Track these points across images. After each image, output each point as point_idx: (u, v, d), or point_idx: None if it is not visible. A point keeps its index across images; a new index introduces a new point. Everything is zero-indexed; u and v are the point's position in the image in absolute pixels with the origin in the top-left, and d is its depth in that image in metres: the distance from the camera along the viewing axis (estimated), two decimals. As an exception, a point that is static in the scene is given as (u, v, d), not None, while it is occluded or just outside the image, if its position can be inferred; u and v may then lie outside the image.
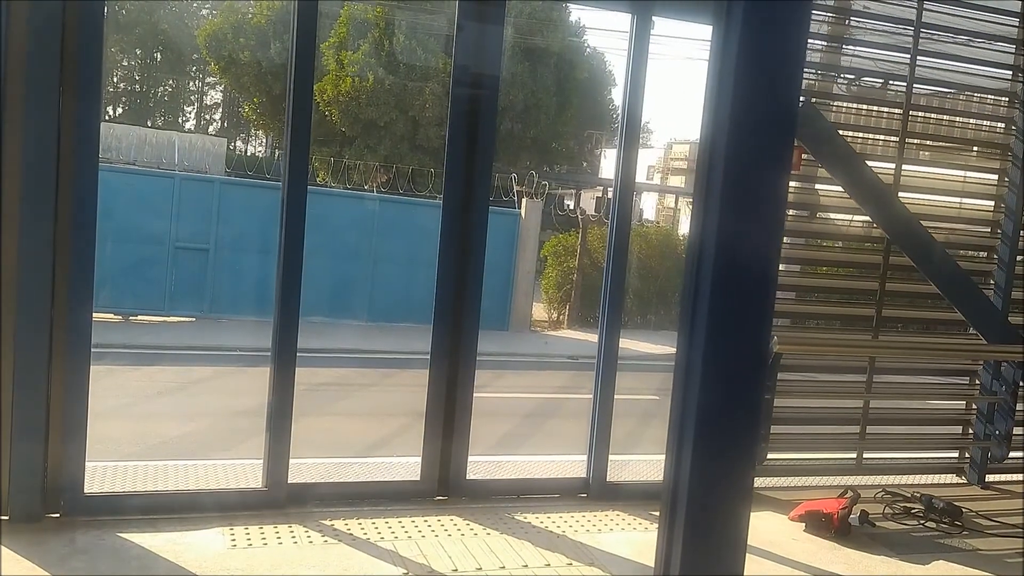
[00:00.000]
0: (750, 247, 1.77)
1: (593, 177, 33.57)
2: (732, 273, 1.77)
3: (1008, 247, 6.63)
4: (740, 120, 1.76)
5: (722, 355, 1.79)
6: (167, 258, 15.17)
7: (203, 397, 10.79)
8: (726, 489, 1.88)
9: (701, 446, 1.84)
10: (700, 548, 1.86)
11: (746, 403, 1.86)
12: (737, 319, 1.81)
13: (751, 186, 1.78)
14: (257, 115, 30.90)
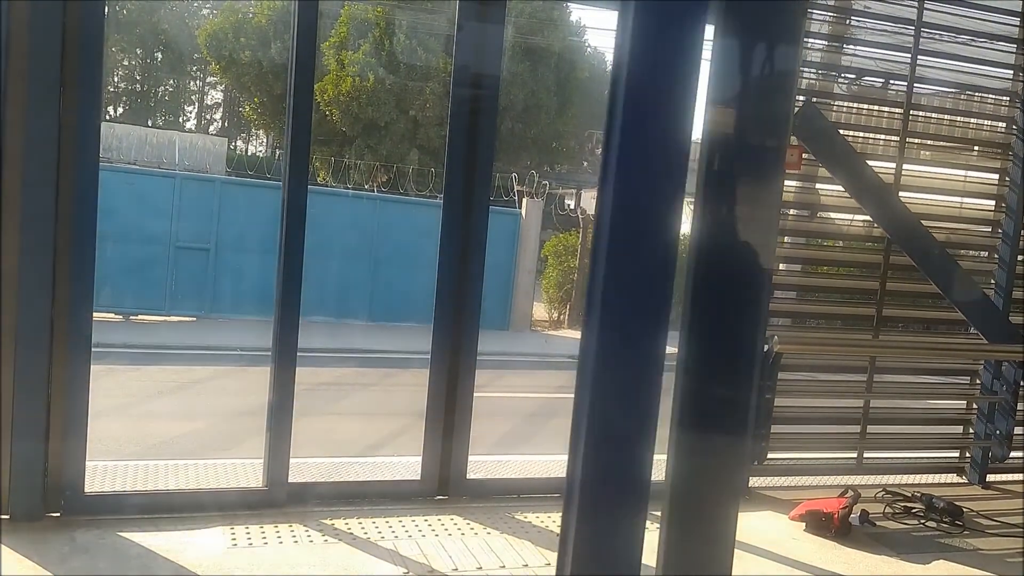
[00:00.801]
0: (745, 246, 1.77)
1: (594, 177, 33.55)
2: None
3: (1009, 247, 6.63)
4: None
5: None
6: (168, 258, 15.18)
7: (203, 397, 10.80)
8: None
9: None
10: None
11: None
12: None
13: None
14: (258, 115, 30.94)
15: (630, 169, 1.69)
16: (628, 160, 1.68)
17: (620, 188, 1.69)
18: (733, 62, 1.72)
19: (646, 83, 1.63)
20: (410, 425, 7.27)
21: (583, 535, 1.86)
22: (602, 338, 1.70)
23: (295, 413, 5.14)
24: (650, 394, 1.69)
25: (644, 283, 1.72)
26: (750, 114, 1.77)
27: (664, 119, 1.67)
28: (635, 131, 1.67)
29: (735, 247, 1.77)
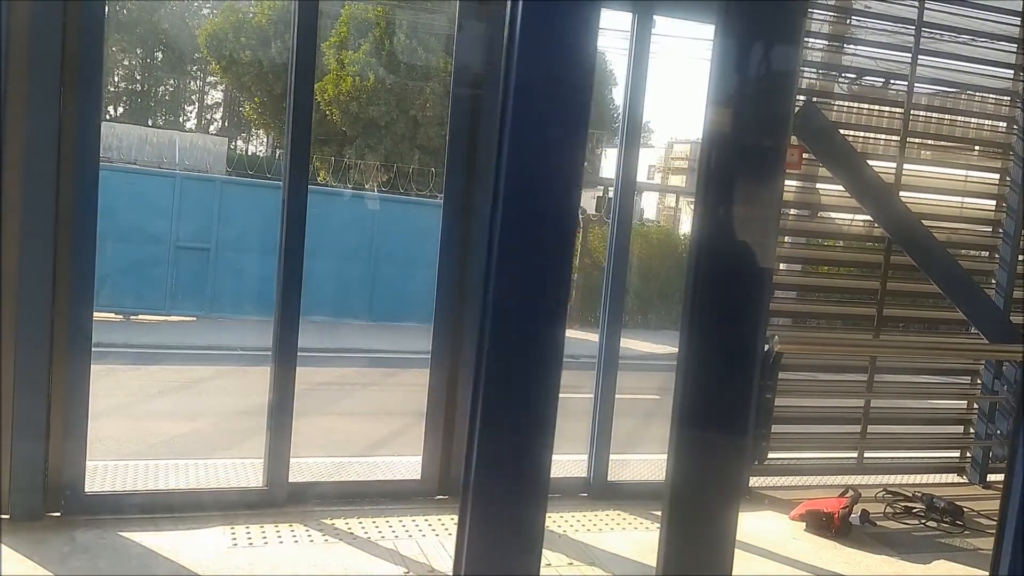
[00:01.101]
0: (745, 246, 1.76)
1: (594, 176, 33.54)
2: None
3: (1009, 246, 6.62)
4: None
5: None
6: (168, 257, 15.17)
7: (204, 396, 10.79)
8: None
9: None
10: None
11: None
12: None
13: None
14: (258, 114, 30.92)
15: (522, 168, 1.67)
16: (519, 153, 1.67)
17: (511, 191, 1.67)
18: (733, 62, 1.72)
19: (536, 79, 1.61)
20: (410, 425, 7.27)
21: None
22: (494, 334, 1.68)
23: (295, 413, 5.14)
24: (547, 393, 1.67)
25: (537, 279, 1.70)
26: (750, 114, 1.76)
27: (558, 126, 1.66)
28: (528, 134, 1.66)
29: (735, 247, 1.76)
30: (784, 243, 6.44)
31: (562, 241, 1.68)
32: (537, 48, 1.57)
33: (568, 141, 1.66)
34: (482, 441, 1.63)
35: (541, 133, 1.64)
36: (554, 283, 1.70)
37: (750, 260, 1.77)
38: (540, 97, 1.61)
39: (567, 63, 1.59)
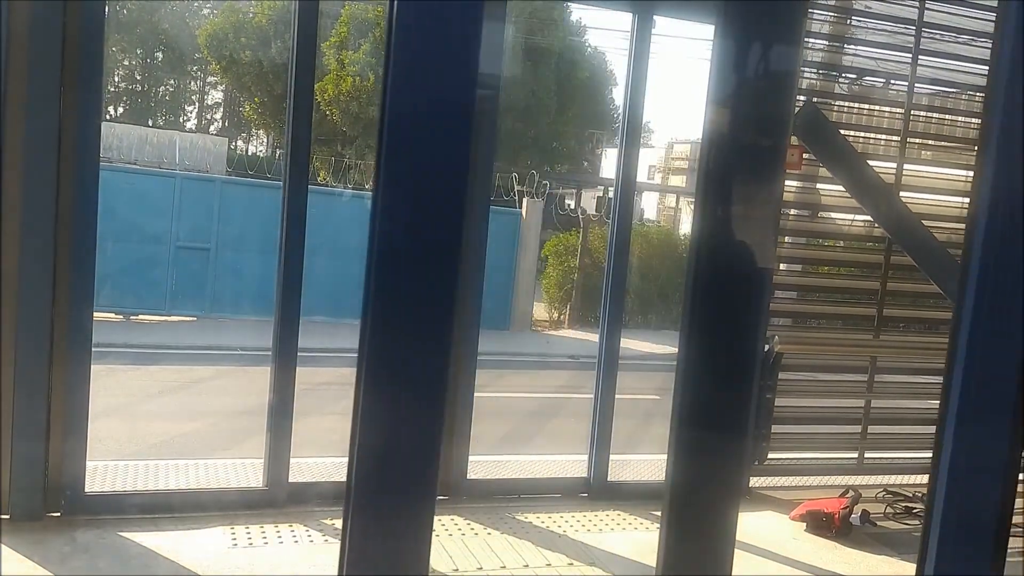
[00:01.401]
0: (745, 246, 1.76)
1: (594, 176, 33.58)
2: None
3: (1009, 247, 6.62)
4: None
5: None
6: (168, 258, 15.17)
7: (204, 396, 10.80)
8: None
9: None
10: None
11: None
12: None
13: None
14: (258, 115, 30.95)
15: (404, 177, 1.65)
16: (401, 172, 1.64)
17: (392, 197, 1.65)
18: (733, 62, 1.72)
19: (415, 79, 1.58)
20: (410, 425, 7.25)
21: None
22: (377, 326, 1.66)
23: (295, 413, 5.14)
24: (434, 388, 1.65)
25: (422, 291, 1.68)
26: (750, 114, 1.76)
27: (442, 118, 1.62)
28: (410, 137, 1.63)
29: (735, 247, 1.76)
30: (784, 243, 6.44)
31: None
32: (413, 47, 1.54)
33: (450, 141, 1.62)
34: (364, 437, 1.61)
35: (419, 136, 1.61)
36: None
37: (750, 260, 1.77)
38: (418, 92, 1.58)
39: (447, 61, 1.56)
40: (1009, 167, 1.62)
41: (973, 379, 1.69)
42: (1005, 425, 1.71)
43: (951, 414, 1.70)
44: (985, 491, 1.72)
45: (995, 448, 1.71)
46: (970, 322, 1.67)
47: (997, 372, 1.69)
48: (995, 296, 1.67)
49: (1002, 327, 1.68)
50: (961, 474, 1.71)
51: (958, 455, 1.70)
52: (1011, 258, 1.64)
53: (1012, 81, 1.58)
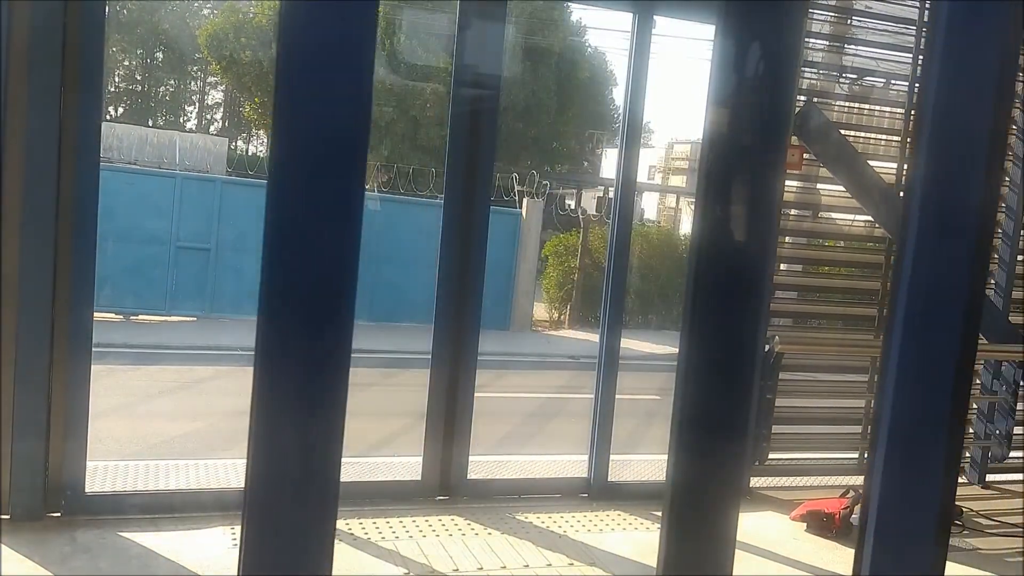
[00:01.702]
0: (745, 246, 1.76)
1: (594, 177, 33.59)
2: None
3: (1008, 247, 6.62)
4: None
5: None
6: (168, 258, 15.18)
7: (204, 396, 10.80)
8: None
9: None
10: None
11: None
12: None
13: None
14: (258, 115, 30.97)
15: (298, 168, 1.61)
16: (295, 157, 1.60)
17: (284, 187, 1.61)
18: (733, 62, 1.72)
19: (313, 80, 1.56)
20: (411, 425, 7.26)
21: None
22: (272, 329, 1.63)
23: (296, 413, 5.14)
24: (334, 392, 1.63)
25: (316, 285, 1.63)
26: (750, 114, 1.77)
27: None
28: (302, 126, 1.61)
29: (735, 247, 1.76)
30: (785, 243, 6.44)
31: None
32: (305, 42, 1.52)
33: (347, 135, 1.61)
34: (263, 441, 1.58)
35: (314, 127, 1.58)
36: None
37: (750, 260, 1.77)
38: (311, 85, 1.56)
39: (338, 56, 1.54)
40: (940, 161, 1.62)
41: (908, 378, 1.68)
42: (941, 430, 1.70)
43: (884, 416, 1.69)
44: (924, 492, 1.71)
45: (932, 450, 1.70)
46: (902, 321, 1.66)
47: (932, 371, 1.69)
48: (927, 300, 1.66)
49: (936, 324, 1.67)
50: (897, 473, 1.70)
51: (892, 459, 1.69)
52: (942, 260, 1.64)
53: (941, 81, 1.58)
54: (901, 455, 1.69)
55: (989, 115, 1.58)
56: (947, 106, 1.59)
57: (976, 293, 1.64)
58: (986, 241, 1.64)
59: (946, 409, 1.69)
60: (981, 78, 1.57)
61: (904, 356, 1.67)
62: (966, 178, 1.59)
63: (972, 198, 1.60)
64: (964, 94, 1.58)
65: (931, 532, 1.71)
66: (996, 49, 1.56)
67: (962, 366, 1.68)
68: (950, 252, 1.63)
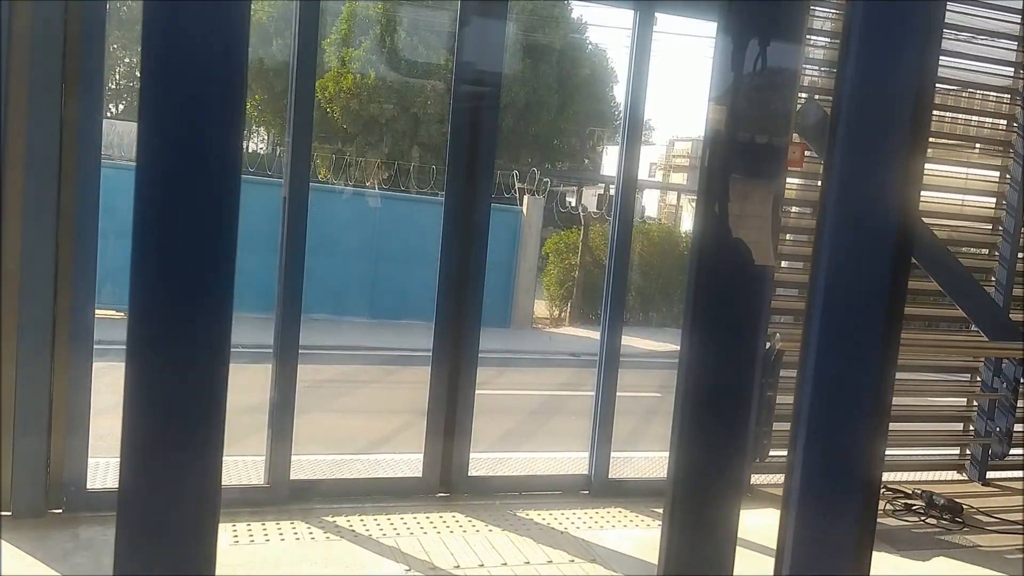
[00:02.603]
0: (745, 244, 1.77)
1: (595, 174, 33.57)
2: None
3: (1009, 244, 6.63)
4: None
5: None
6: (169, 255, 15.16)
7: (205, 394, 10.78)
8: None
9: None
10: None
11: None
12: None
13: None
14: (258, 112, 30.91)
15: (170, 161, 1.57)
16: (163, 147, 1.56)
17: (151, 182, 1.60)
18: (735, 60, 1.72)
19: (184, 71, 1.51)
20: (412, 422, 7.27)
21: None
22: (143, 322, 1.60)
23: (297, 410, 5.15)
24: (212, 388, 1.61)
25: (187, 293, 1.59)
26: (752, 112, 1.77)
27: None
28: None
29: (737, 244, 1.77)
30: (786, 240, 6.44)
31: (218, 227, 1.58)
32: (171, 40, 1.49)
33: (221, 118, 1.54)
34: (135, 442, 1.54)
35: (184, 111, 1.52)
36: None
37: (752, 258, 1.78)
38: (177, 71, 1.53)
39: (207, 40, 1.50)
40: (855, 168, 1.61)
41: (827, 375, 1.68)
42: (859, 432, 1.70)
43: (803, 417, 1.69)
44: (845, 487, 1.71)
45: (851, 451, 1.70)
46: (819, 325, 1.65)
47: (851, 369, 1.68)
48: (840, 317, 1.66)
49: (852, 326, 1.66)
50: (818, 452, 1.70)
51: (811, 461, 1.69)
52: (859, 252, 1.63)
53: (856, 86, 1.58)
54: (823, 436, 1.69)
55: (910, 102, 1.57)
56: (861, 113, 1.58)
57: (897, 290, 1.63)
58: (905, 239, 1.63)
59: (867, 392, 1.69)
60: (899, 75, 1.56)
61: (823, 348, 1.66)
62: (883, 175, 1.58)
63: (890, 197, 1.59)
64: (881, 91, 1.57)
65: (855, 511, 1.70)
66: (915, 50, 1.56)
67: (884, 354, 1.67)
68: (867, 245, 1.62)
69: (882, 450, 1.73)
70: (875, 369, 1.65)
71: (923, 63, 1.56)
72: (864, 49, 1.55)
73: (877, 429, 1.66)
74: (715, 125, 1.77)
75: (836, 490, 1.67)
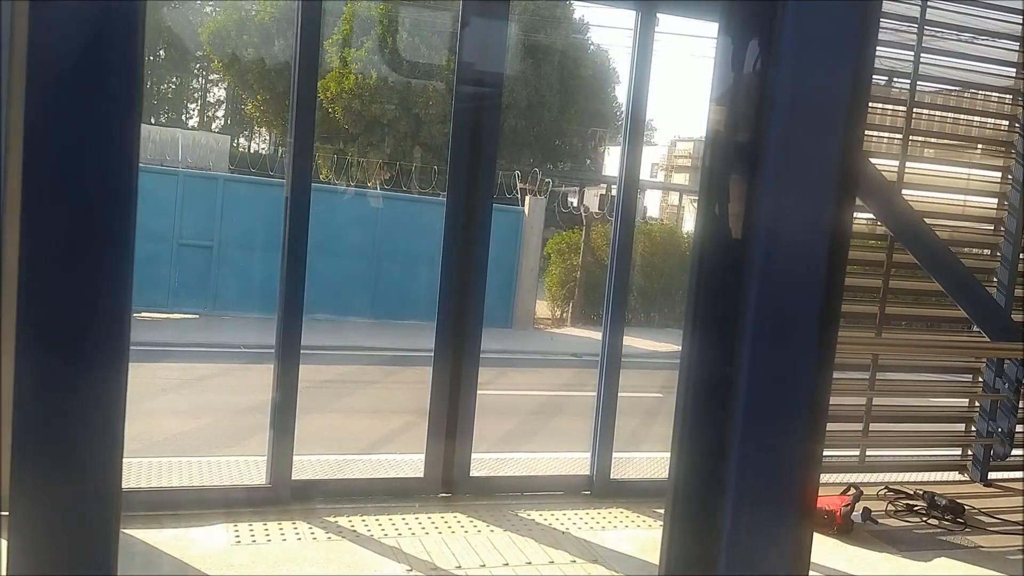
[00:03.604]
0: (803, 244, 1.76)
1: (597, 174, 33.59)
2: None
3: (1011, 244, 6.62)
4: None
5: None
6: (171, 255, 15.20)
7: (207, 394, 10.81)
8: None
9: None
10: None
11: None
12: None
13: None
14: (260, 112, 30.95)
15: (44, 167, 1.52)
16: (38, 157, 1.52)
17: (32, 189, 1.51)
18: (736, 61, 1.72)
19: None
20: (413, 423, 7.28)
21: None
22: (31, 323, 1.55)
23: (298, 410, 5.15)
24: (110, 387, 1.58)
25: (79, 312, 1.53)
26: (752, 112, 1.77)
27: None
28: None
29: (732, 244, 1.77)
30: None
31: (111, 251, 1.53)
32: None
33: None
34: (27, 443, 1.51)
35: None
36: (106, 302, 1.56)
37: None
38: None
39: None
40: (785, 183, 1.61)
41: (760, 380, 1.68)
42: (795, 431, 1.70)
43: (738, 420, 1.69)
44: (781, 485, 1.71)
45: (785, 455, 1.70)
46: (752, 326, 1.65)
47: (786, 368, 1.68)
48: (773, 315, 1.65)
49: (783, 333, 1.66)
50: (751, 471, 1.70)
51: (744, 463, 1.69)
52: (794, 262, 1.63)
53: (733, 99, 1.57)
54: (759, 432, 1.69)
55: (845, 95, 1.56)
56: (790, 137, 1.58)
57: (832, 293, 1.63)
58: (840, 239, 1.62)
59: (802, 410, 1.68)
60: (833, 73, 1.55)
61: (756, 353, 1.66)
62: (816, 178, 1.58)
63: (822, 222, 1.58)
64: (815, 87, 1.56)
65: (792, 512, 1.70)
66: (849, 51, 1.55)
67: (820, 349, 1.67)
68: (801, 247, 1.61)
69: (819, 451, 1.73)
70: (811, 369, 1.64)
71: (858, 64, 1.55)
72: (796, 50, 1.54)
73: (813, 430, 1.66)
74: (715, 126, 1.77)
75: (771, 491, 1.67)
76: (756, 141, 1.59)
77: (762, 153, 1.58)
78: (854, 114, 1.57)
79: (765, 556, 1.70)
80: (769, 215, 1.60)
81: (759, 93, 1.62)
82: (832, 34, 1.55)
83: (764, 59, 1.63)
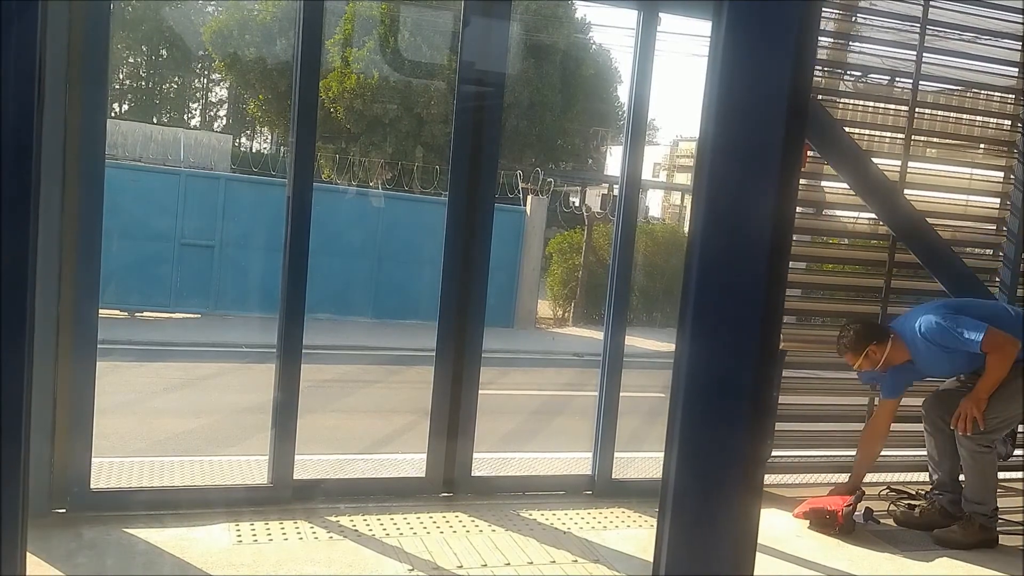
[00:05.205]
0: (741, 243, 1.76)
1: (599, 174, 33.59)
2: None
3: (1014, 244, 6.61)
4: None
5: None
6: (173, 254, 15.21)
7: (208, 393, 10.82)
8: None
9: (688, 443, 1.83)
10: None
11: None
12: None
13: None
14: (262, 112, 31.00)
15: None
16: None
17: None
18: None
19: None
20: (415, 422, 7.28)
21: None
22: None
23: (300, 410, 5.16)
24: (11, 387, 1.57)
25: None
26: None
27: None
28: None
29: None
30: (788, 241, 6.42)
31: None
32: None
33: None
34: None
35: None
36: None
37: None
38: None
39: None
40: (726, 168, 1.60)
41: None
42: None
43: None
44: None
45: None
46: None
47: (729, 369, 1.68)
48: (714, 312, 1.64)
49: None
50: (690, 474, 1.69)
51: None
52: (734, 253, 1.62)
53: (722, 94, 1.57)
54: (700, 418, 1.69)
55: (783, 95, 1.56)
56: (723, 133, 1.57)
57: (773, 290, 1.62)
58: (782, 235, 1.62)
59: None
60: (772, 75, 1.55)
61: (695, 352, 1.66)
62: (757, 175, 1.57)
63: (763, 202, 1.58)
64: (748, 85, 1.56)
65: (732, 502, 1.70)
66: (787, 51, 1.54)
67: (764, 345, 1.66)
68: (741, 242, 1.60)
69: (766, 452, 1.73)
70: (753, 366, 1.63)
71: (798, 62, 1.55)
72: (734, 49, 1.54)
73: (757, 428, 1.66)
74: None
75: (713, 491, 1.67)
76: (702, 138, 1.60)
77: (704, 148, 1.59)
78: (793, 109, 1.57)
79: (706, 559, 1.70)
80: (707, 212, 1.60)
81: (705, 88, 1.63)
82: (768, 25, 1.55)
83: (712, 54, 1.63)
